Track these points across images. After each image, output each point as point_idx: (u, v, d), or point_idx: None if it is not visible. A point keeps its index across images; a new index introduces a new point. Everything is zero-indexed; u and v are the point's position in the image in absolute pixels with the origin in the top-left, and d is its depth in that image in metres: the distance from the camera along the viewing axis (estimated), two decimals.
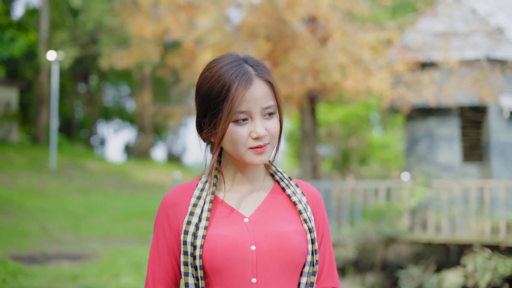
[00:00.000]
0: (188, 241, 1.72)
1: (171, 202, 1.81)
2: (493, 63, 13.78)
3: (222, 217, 1.77)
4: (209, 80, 1.75)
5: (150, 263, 1.84)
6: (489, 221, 11.37)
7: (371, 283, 11.69)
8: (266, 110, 1.74)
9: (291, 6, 11.79)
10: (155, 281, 1.81)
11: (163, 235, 1.81)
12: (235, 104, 1.70)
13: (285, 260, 1.73)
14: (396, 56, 13.33)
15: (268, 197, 1.83)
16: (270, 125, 1.75)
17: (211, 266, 1.70)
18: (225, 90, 1.71)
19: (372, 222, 11.83)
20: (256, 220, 1.77)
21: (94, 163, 22.98)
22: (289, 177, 1.89)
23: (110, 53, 15.40)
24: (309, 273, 1.79)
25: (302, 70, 12.28)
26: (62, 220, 13.03)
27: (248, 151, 1.74)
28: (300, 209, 1.81)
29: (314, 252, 1.79)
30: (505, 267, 10.59)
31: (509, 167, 14.09)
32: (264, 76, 1.76)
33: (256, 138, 1.73)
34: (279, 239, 1.74)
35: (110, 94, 39.80)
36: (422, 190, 11.90)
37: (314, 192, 1.91)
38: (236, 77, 1.72)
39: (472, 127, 15.07)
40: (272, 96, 1.76)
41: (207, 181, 1.82)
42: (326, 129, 21.59)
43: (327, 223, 1.91)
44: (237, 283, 1.71)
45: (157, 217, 1.84)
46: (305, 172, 14.00)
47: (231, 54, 1.81)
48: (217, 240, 1.71)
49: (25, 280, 6.76)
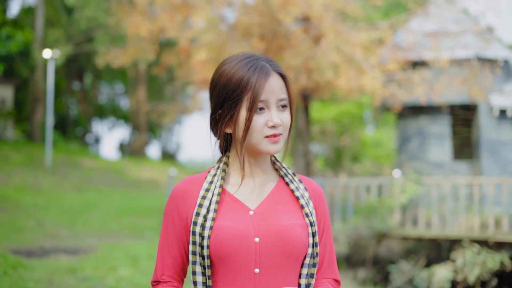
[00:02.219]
0: (197, 231, 1.80)
1: (180, 193, 1.90)
2: (483, 62, 13.98)
3: (228, 209, 1.85)
4: (227, 73, 1.83)
5: (160, 249, 1.91)
6: (478, 217, 11.60)
7: (362, 278, 11.88)
8: (280, 102, 1.84)
9: (285, 5, 11.95)
10: (163, 266, 1.89)
11: (172, 224, 1.89)
12: (259, 93, 1.79)
13: (286, 252, 1.81)
14: (388, 55, 13.52)
15: (272, 191, 1.91)
16: (284, 117, 1.85)
17: (217, 255, 1.78)
18: (245, 81, 1.80)
19: (364, 218, 12.02)
20: (260, 213, 1.85)
21: (89, 161, 23.08)
22: (293, 173, 1.98)
23: (106, 52, 15.53)
24: (310, 264, 1.86)
25: (296, 69, 12.46)
26: (57, 216, 13.17)
27: (264, 139, 1.82)
28: (302, 204, 1.89)
29: (314, 245, 1.86)
30: (494, 262, 10.81)
31: (498, 164, 14.28)
32: (279, 70, 1.87)
33: (272, 127, 1.81)
34: (281, 232, 1.81)
35: (105, 92, 39.86)
36: (413, 186, 12.10)
37: (317, 188, 1.99)
38: (255, 69, 1.81)
39: (463, 125, 15.27)
40: (285, 91, 1.86)
41: (216, 174, 1.90)
42: (319, 127, 21.77)
43: (328, 218, 1.99)
44: (241, 273, 1.79)
45: (167, 207, 1.91)
46: (299, 169, 14.18)
47: (244, 52, 1.91)
48: (223, 231, 1.78)
49: (25, 272, 6.91)
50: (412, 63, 14.17)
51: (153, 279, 1.92)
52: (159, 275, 1.90)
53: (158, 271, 1.90)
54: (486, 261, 10.84)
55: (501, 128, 14.33)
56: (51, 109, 20.58)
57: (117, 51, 14.89)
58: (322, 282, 1.92)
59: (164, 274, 1.89)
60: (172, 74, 22.63)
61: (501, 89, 14.32)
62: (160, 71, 15.45)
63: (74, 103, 35.52)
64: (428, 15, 13.69)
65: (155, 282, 1.91)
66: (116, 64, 14.60)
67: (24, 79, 27.78)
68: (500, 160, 14.29)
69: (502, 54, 14.20)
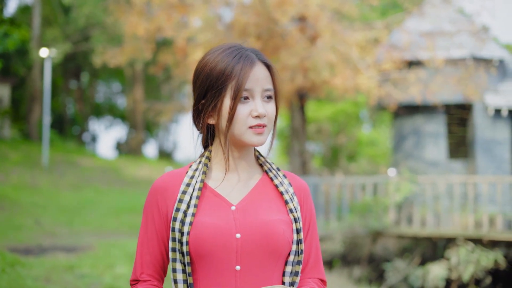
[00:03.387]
0: (176, 227, 1.74)
1: (160, 188, 1.83)
2: (478, 62, 14.07)
3: (210, 204, 1.78)
4: (211, 62, 1.77)
5: (139, 246, 1.84)
6: (472, 216, 11.69)
7: (358, 276, 11.95)
8: (266, 93, 1.78)
9: (281, 5, 12.02)
10: (143, 264, 1.82)
11: (152, 220, 1.82)
12: (244, 82, 1.73)
13: (269, 249, 1.74)
14: (384, 54, 13.59)
15: (256, 187, 1.85)
16: (269, 108, 1.78)
17: (197, 252, 1.72)
18: (229, 69, 1.74)
19: (359, 216, 12.10)
20: (243, 209, 1.78)
21: (86, 159, 23.13)
22: (277, 168, 1.91)
23: (102, 51, 15.59)
24: (294, 262, 1.80)
25: (292, 68, 12.54)
26: (55, 214, 13.22)
27: (248, 130, 1.76)
28: (287, 199, 1.83)
29: (299, 241, 1.79)
30: (488, 260, 10.90)
31: (493, 163, 14.37)
32: (265, 60, 1.82)
33: (256, 117, 1.75)
34: (264, 228, 1.75)
35: (102, 91, 39.89)
36: (408, 185, 12.19)
37: (302, 184, 1.92)
38: (240, 58, 1.76)
39: (458, 124, 15.36)
40: (271, 81, 1.81)
41: (197, 168, 1.84)
42: (315, 126, 21.86)
43: (314, 216, 1.91)
44: (221, 270, 1.73)
45: (147, 202, 1.84)
46: (295, 168, 14.25)
47: (230, 43, 1.84)
48: (203, 227, 1.72)
49: (23, 270, 6.95)
50: (407, 63, 14.26)
51: (131, 278, 1.84)
52: (138, 274, 1.82)
53: (137, 270, 1.82)
54: (480, 259, 10.94)
55: (496, 127, 14.41)
56: (48, 107, 20.62)
57: (114, 50, 14.95)
58: (308, 281, 1.86)
59: (143, 273, 1.81)
60: (169, 73, 22.66)
61: (496, 88, 14.40)
62: (156, 70, 15.49)
63: (71, 102, 35.53)
64: (423, 15, 13.78)
65: (134, 281, 1.83)
66: (113, 64, 14.65)
67: (21, 77, 27.80)
68: (495, 159, 14.38)
69: (497, 53, 14.28)
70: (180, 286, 1.75)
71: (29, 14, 27.31)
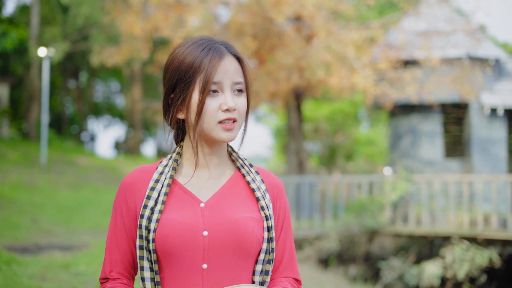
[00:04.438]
0: (143, 225, 1.70)
1: (129, 184, 1.79)
2: (474, 61, 14.13)
3: (178, 201, 1.74)
4: (181, 55, 1.73)
5: (108, 244, 1.80)
6: (467, 214, 11.76)
7: (353, 275, 12.01)
8: (236, 86, 1.73)
9: (277, 5, 12.07)
10: (112, 262, 1.78)
11: (120, 216, 1.78)
12: (212, 74, 1.69)
13: (237, 247, 1.70)
14: (380, 54, 13.65)
15: (227, 183, 1.80)
16: (239, 102, 1.73)
17: (163, 250, 1.68)
18: (198, 62, 1.70)
19: (355, 215, 12.16)
20: (212, 206, 1.74)
21: (84, 159, 23.17)
22: (250, 164, 1.86)
23: (100, 50, 15.64)
24: (265, 261, 1.75)
25: (288, 68, 12.59)
26: (52, 213, 13.27)
27: (217, 126, 1.71)
28: (258, 196, 1.78)
29: (270, 239, 1.75)
30: (482, 258, 10.96)
31: (489, 162, 14.43)
32: (235, 53, 1.77)
33: (226, 111, 1.70)
34: (232, 226, 1.70)
35: (100, 90, 39.94)
36: (403, 184, 12.25)
37: (275, 181, 1.87)
38: (208, 50, 1.72)
39: (454, 123, 15.42)
40: (242, 74, 1.75)
41: (167, 164, 1.80)
42: (313, 125, 21.91)
43: (288, 214, 1.87)
44: (188, 268, 1.69)
45: (116, 199, 1.81)
46: (291, 167, 14.31)
47: (200, 35, 1.81)
48: (170, 224, 1.68)
49: (19, 268, 7.00)
50: (403, 62, 14.32)
51: (101, 276, 1.80)
52: (108, 272, 1.77)
53: (106, 268, 1.78)
54: (475, 257, 11.00)
55: (492, 126, 14.46)
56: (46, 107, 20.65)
57: (111, 50, 15.00)
58: (281, 280, 1.81)
59: (112, 271, 1.77)
60: None
61: (492, 87, 14.45)
62: (154, 70, 15.55)
63: (69, 101, 35.58)
64: (419, 15, 13.83)
65: (104, 279, 1.79)
66: (109, 63, 14.70)
67: (20, 77, 27.86)
68: (491, 158, 14.43)
69: (493, 53, 14.33)
70: (148, 284, 1.71)
71: (27, 14, 27.37)
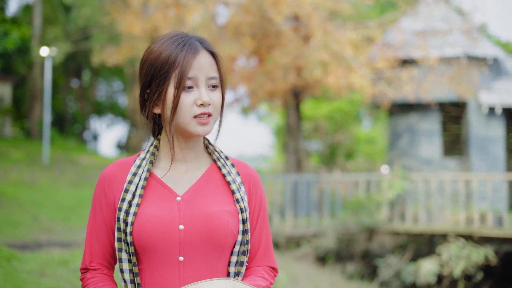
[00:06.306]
0: (121, 218, 1.73)
1: (108, 177, 1.82)
2: (471, 60, 14.19)
3: (155, 195, 1.77)
4: (156, 50, 1.76)
5: (88, 235, 1.82)
6: (464, 213, 11.84)
7: (351, 272, 12.10)
8: (210, 81, 1.75)
9: (275, 5, 12.17)
10: (92, 253, 1.81)
11: (100, 210, 1.81)
12: (187, 70, 1.71)
13: (212, 240, 1.73)
14: (378, 53, 13.73)
15: (203, 176, 1.83)
16: (214, 97, 1.76)
17: (140, 243, 1.71)
18: (173, 58, 1.72)
19: (352, 213, 12.24)
20: (188, 199, 1.77)
21: (86, 158, 23.28)
22: (226, 157, 1.89)
23: (101, 50, 15.76)
24: (240, 252, 1.79)
25: (285, 67, 12.69)
26: (53, 211, 13.38)
27: (192, 120, 1.74)
28: (234, 189, 1.81)
29: (245, 232, 1.78)
30: (478, 256, 11.04)
31: (487, 161, 14.49)
32: (209, 48, 1.79)
33: (201, 105, 1.73)
34: (207, 219, 1.73)
35: (103, 90, 40.05)
36: (401, 182, 12.33)
37: (251, 173, 1.89)
38: (183, 46, 1.74)
39: (452, 122, 15.49)
40: (216, 69, 1.78)
41: (144, 157, 1.83)
42: (313, 124, 21.99)
43: (264, 204, 1.90)
44: (164, 261, 1.72)
45: (95, 192, 1.83)
46: (290, 166, 14.40)
47: (175, 31, 1.82)
48: (146, 218, 1.71)
49: (18, 264, 7.11)
50: (401, 61, 14.38)
51: (81, 267, 1.84)
52: (88, 262, 1.81)
53: (86, 258, 1.82)
54: (471, 255, 11.08)
55: (490, 125, 14.52)
56: (49, 106, 20.78)
57: (111, 49, 15.12)
58: (257, 269, 1.85)
59: (93, 261, 1.81)
60: None
61: (490, 86, 14.51)
62: None
63: (72, 100, 35.70)
64: (417, 14, 13.90)
65: (84, 269, 1.83)
66: (110, 63, 14.83)
67: (22, 76, 28.01)
68: (489, 157, 14.49)
69: (490, 52, 14.39)
70: (126, 275, 1.75)
71: (30, 13, 27.50)
